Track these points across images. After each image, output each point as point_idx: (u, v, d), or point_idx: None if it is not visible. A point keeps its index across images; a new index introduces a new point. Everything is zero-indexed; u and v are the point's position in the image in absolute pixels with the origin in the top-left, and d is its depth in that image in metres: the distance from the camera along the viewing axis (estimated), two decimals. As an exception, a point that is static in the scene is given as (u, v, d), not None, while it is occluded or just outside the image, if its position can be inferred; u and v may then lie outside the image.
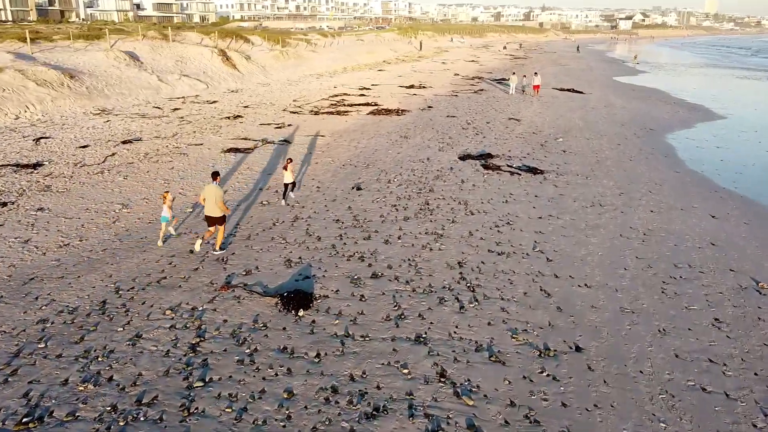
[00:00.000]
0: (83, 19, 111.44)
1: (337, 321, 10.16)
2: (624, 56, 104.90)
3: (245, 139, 24.81)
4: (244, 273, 11.97)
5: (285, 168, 16.27)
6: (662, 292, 11.68)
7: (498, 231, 14.73)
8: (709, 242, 14.58)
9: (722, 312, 10.98)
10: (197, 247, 12.86)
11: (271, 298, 10.88)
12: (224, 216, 12.74)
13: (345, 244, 13.67)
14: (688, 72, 72.54)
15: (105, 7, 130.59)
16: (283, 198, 16.70)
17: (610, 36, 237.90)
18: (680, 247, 14.13)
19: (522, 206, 16.80)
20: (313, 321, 10.14)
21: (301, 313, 10.36)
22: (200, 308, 10.48)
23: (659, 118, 34.15)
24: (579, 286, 11.82)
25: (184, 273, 11.91)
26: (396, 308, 10.65)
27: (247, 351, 9.17)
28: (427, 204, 16.74)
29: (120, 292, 11.02)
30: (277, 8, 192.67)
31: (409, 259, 12.83)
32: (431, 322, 10.18)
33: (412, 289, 11.44)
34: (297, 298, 10.77)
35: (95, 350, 9.07)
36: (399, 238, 14.11)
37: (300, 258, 12.78)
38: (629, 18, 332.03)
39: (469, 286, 11.61)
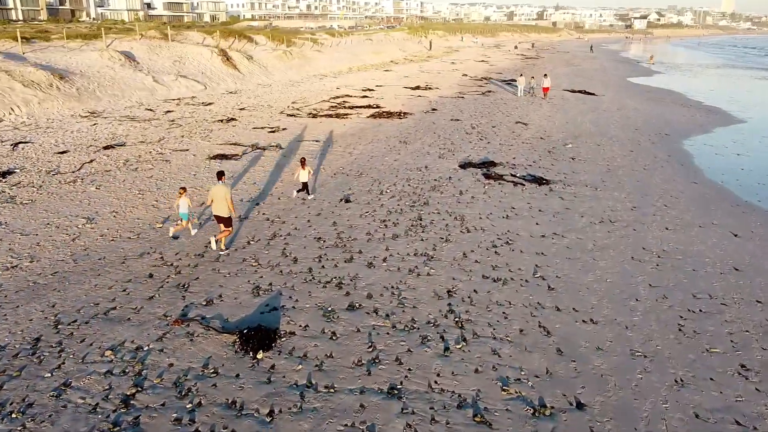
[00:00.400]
0: (94, 19, 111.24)
1: (300, 366, 8.77)
2: (638, 56, 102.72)
3: (235, 144, 23.50)
4: (204, 303, 10.62)
5: (302, 167, 16.33)
6: (679, 330, 10.19)
7: (495, 252, 13.28)
8: (731, 266, 13.04)
9: (749, 356, 9.47)
10: (213, 245, 12.91)
11: (229, 335, 9.52)
12: (231, 218, 12.75)
13: (323, 267, 12.28)
14: (705, 73, 70.46)
15: (115, 7, 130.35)
16: (307, 194, 16.83)
17: (625, 36, 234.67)
18: (699, 273, 12.61)
19: (524, 222, 15.33)
20: (273, 366, 8.76)
21: (260, 355, 8.99)
22: (146, 348, 9.14)
23: (675, 122, 32.47)
24: (584, 321, 10.35)
25: (137, 302, 10.58)
26: (370, 350, 9.25)
27: (189, 406, 7.80)
28: (420, 219, 15.32)
29: (59, 326, 9.71)
30: (288, 7, 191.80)
31: (392, 287, 11.42)
32: (409, 369, 8.77)
33: (392, 324, 10.03)
34: (258, 336, 9.40)
35: (12, 403, 7.76)
36: (384, 260, 12.70)
37: (270, 285, 11.41)
38: (644, 17, 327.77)
39: (457, 321, 10.18)
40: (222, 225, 12.78)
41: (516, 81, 43.88)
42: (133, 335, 9.48)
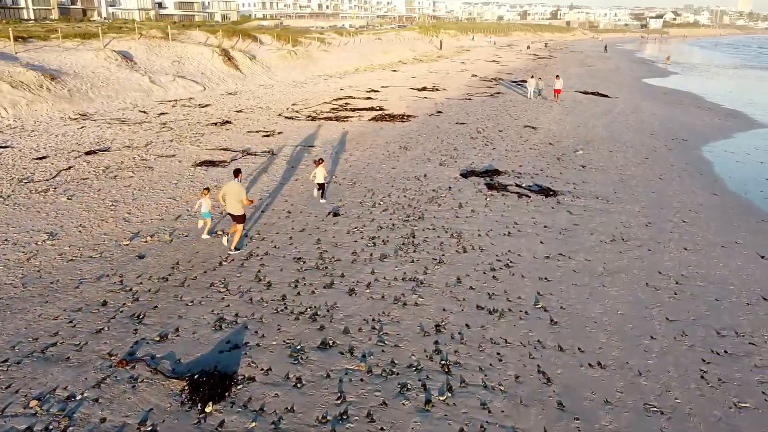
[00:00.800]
0: (105, 18, 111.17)
1: (254, 423, 7.48)
2: (654, 56, 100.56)
3: (225, 149, 22.27)
4: (158, 339, 9.35)
5: (317, 165, 16.07)
6: (701, 377, 8.78)
7: (493, 277, 11.91)
8: (759, 295, 11.59)
9: (785, 412, 8.04)
10: (225, 242, 12.97)
11: (178, 381, 8.24)
12: (244, 215, 12.66)
13: (299, 294, 10.98)
14: (723, 73, 68.45)
15: (127, 6, 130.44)
16: (321, 197, 16.59)
17: (640, 35, 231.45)
18: (723, 304, 11.16)
19: (527, 241, 13.94)
20: (222, 423, 7.47)
21: (209, 408, 7.71)
22: (78, 396, 7.89)
23: (693, 126, 30.87)
24: (590, 365, 8.97)
25: (82, 337, 9.34)
26: (339, 401, 7.94)
27: (112, 478, 6.53)
28: (413, 236, 13.97)
29: (-14, 367, 8.49)
30: (300, 6, 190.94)
31: (373, 320, 10.09)
32: (381, 429, 7.44)
33: (368, 368, 8.70)
34: (211, 382, 8.13)
35: None
36: (368, 285, 11.38)
37: (236, 316, 10.13)
38: (660, 17, 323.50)
39: (443, 364, 8.84)
40: (235, 223, 12.75)
41: (526, 83, 42.27)
42: (68, 379, 8.23)
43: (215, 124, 27.13)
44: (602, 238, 14.28)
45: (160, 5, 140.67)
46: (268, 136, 25.06)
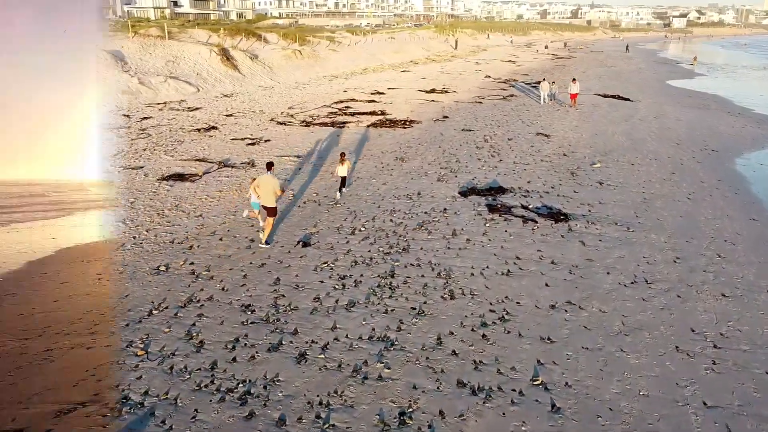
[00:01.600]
0: (120, 16, 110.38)
1: None
2: (678, 56, 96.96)
3: (201, 160, 20.12)
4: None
5: (341, 162, 16.16)
6: (757, 508, 6.34)
7: (483, 336, 9.55)
8: (822, 366, 9.07)
9: None
10: (262, 237, 12.90)
11: (33, 506, 6.01)
12: (276, 208, 12.81)
13: (234, 360, 8.71)
14: (751, 75, 65.02)
15: (142, 4, 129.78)
16: (340, 190, 16.56)
17: (664, 35, 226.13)
18: (777, 379, 8.68)
19: (530, 282, 11.55)
20: None
21: None
22: None
23: (723, 135, 28.14)
24: (602, 485, 6.58)
25: (-64, 427, 7.15)
26: None
27: None
28: (392, 276, 11.66)
29: None
30: (316, 5, 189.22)
31: (320, 403, 7.79)
32: None
33: (297, 487, 6.40)
34: None
35: None
36: (324, 347, 9.09)
37: (145, 394, 7.89)
38: (684, 16, 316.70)
39: (401, 481, 6.51)
40: (266, 213, 12.79)
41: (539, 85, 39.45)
42: None
43: (199, 130, 25.03)
44: (621, 279, 11.84)
45: (175, 3, 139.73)
46: (253, 144, 22.88)
